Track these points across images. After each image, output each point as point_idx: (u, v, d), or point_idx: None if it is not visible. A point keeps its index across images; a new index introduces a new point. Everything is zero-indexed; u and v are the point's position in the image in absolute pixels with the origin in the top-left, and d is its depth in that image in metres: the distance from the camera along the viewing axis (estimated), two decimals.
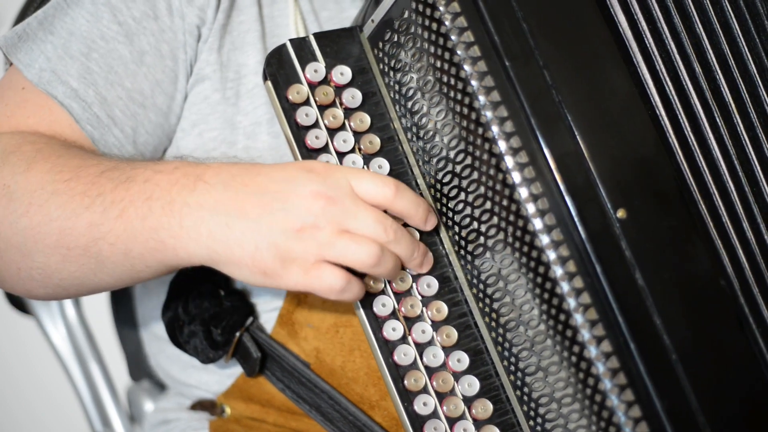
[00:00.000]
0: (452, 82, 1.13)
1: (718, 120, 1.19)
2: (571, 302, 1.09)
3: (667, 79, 1.17)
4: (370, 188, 1.10)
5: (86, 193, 1.12)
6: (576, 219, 1.09)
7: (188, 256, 1.10)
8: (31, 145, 1.18)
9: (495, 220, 1.12)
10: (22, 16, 1.48)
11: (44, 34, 1.25)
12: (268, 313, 1.30)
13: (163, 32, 1.25)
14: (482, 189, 1.13)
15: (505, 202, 1.11)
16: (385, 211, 1.11)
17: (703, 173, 1.16)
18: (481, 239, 1.14)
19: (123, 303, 1.50)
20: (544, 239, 1.09)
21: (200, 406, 1.37)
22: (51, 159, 1.16)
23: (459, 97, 1.13)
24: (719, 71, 1.21)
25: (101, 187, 1.12)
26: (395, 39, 1.17)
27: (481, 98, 1.11)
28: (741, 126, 1.20)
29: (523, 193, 1.10)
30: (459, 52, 1.12)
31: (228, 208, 1.08)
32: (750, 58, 1.22)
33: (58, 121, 1.23)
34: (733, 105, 1.20)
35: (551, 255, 1.09)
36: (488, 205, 1.12)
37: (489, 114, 1.11)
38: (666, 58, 1.18)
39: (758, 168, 1.20)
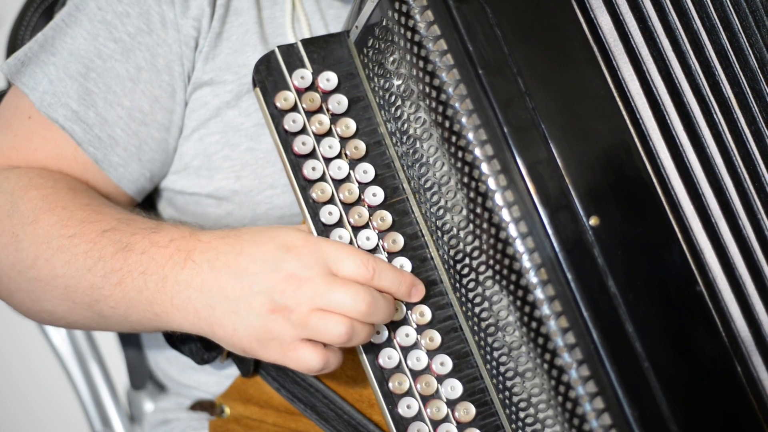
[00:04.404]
0: (427, 90, 1.13)
1: (715, 116, 1.18)
2: (543, 310, 1.09)
3: (656, 78, 1.16)
4: (348, 268, 1.12)
5: (88, 254, 1.18)
6: (548, 227, 1.09)
7: (179, 328, 1.17)
8: (37, 191, 1.23)
9: (471, 227, 1.13)
10: (22, 16, 1.51)
11: (46, 56, 1.27)
12: None
13: (158, 46, 1.27)
14: (459, 196, 1.13)
15: (479, 210, 1.12)
16: None
17: (691, 174, 1.15)
18: (461, 245, 1.14)
19: None
20: (517, 247, 1.10)
21: (200, 406, 1.40)
22: (57, 210, 1.21)
23: (434, 104, 1.13)
24: (719, 67, 1.19)
25: (102, 250, 1.18)
26: (377, 46, 1.18)
27: (456, 106, 1.12)
28: (742, 121, 1.19)
29: (495, 200, 1.10)
30: (433, 59, 1.12)
31: (212, 289, 1.13)
32: (751, 53, 1.20)
33: (63, 154, 1.27)
34: (733, 100, 1.19)
35: (523, 263, 1.10)
36: (464, 212, 1.13)
37: (463, 121, 1.11)
38: (658, 57, 1.17)
39: (760, 162, 1.18)
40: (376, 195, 1.19)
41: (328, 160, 1.19)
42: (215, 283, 1.12)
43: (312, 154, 1.19)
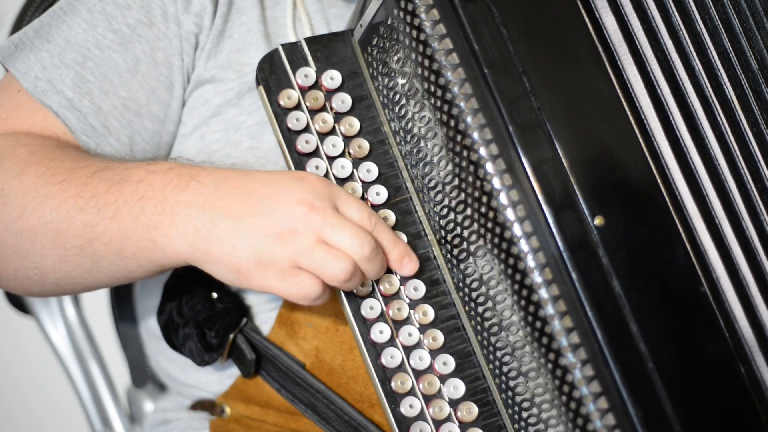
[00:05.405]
0: (433, 89, 1.13)
1: (719, 118, 1.18)
2: (548, 309, 1.09)
3: (660, 79, 1.16)
4: (353, 212, 1.12)
5: (80, 195, 1.16)
6: (553, 226, 1.09)
7: (175, 254, 1.13)
8: (25, 148, 1.21)
9: (475, 226, 1.13)
10: (22, 16, 1.50)
11: (41, 43, 1.27)
12: (268, 312, 1.31)
13: (158, 39, 1.27)
14: (463, 195, 1.13)
15: (483, 209, 1.12)
16: None
17: (695, 175, 1.15)
18: (464, 244, 1.14)
19: (124, 304, 1.52)
20: (522, 246, 1.10)
21: (200, 406, 1.38)
22: (44, 162, 1.19)
23: (439, 104, 1.13)
24: (721, 68, 1.19)
25: (94, 189, 1.16)
26: (381, 44, 1.18)
27: (461, 105, 1.11)
28: (744, 122, 1.19)
29: (500, 200, 1.10)
30: (439, 59, 1.12)
31: (215, 206, 1.11)
32: (751, 55, 1.20)
33: (52, 125, 1.26)
34: (735, 101, 1.19)
35: (528, 262, 1.10)
36: (469, 211, 1.13)
37: (468, 121, 1.11)
38: (661, 57, 1.17)
39: (762, 164, 1.19)
40: (379, 194, 1.19)
41: (331, 159, 1.19)
42: (220, 201, 1.11)
43: (315, 153, 1.19)
